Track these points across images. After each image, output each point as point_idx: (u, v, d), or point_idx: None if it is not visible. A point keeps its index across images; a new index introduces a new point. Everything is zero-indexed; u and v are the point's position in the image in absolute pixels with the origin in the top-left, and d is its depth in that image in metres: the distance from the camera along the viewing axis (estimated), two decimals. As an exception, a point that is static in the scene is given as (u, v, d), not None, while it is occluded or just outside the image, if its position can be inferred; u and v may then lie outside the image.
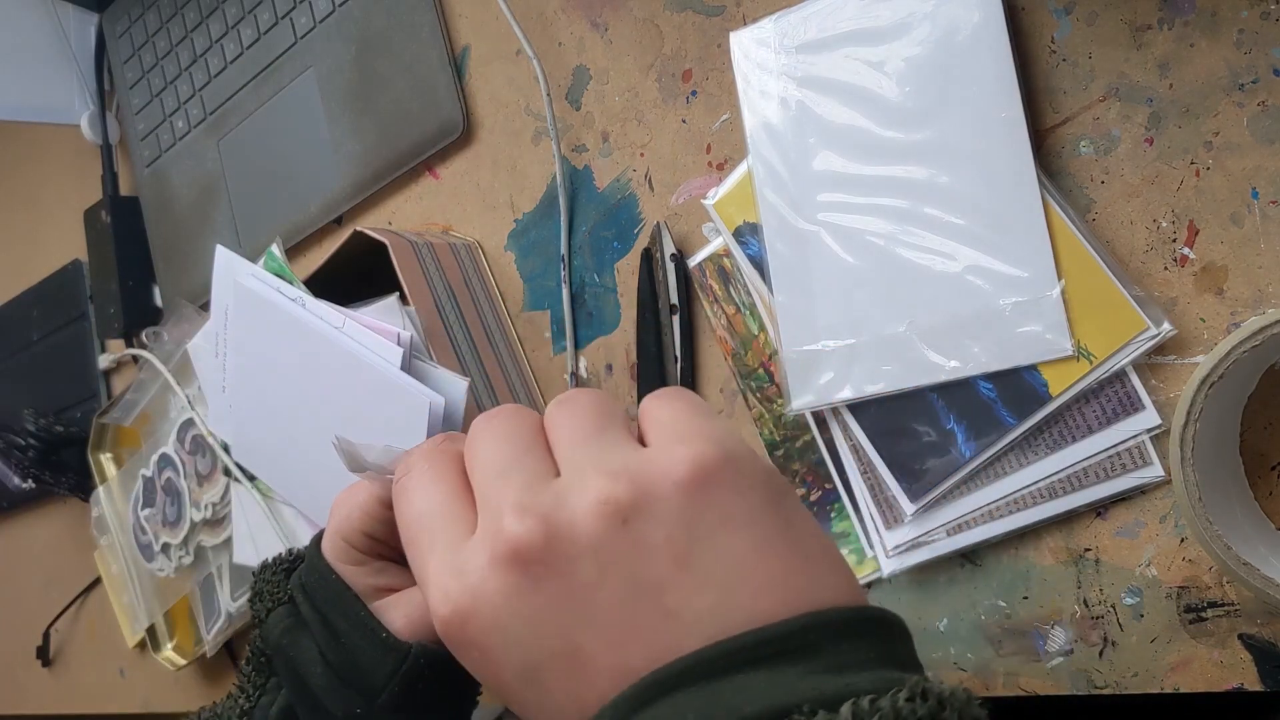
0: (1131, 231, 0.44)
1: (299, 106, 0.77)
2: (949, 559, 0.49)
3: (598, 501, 0.26)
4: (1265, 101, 0.41)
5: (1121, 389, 0.44)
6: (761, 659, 0.24)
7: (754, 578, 0.25)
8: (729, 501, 0.26)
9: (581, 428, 0.29)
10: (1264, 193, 0.41)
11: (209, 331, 0.68)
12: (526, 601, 0.26)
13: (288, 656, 0.39)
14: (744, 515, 0.26)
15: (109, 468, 0.89)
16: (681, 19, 0.58)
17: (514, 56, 0.65)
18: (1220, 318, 0.42)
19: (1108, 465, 0.44)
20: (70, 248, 0.99)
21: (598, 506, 0.26)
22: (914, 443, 0.48)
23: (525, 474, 0.28)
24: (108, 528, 0.87)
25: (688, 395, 0.30)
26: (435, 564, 0.28)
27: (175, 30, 0.86)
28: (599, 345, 0.62)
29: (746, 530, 0.26)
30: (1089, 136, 0.45)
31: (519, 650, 0.26)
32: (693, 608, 0.25)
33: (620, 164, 0.61)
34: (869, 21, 0.49)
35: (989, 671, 0.48)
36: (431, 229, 0.70)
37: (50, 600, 1.01)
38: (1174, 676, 0.44)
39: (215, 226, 0.83)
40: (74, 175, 1.00)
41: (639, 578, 0.25)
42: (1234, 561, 0.39)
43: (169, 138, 0.87)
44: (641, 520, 0.26)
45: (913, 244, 0.48)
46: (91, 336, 0.96)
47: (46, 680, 1.04)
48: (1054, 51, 0.46)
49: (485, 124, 0.67)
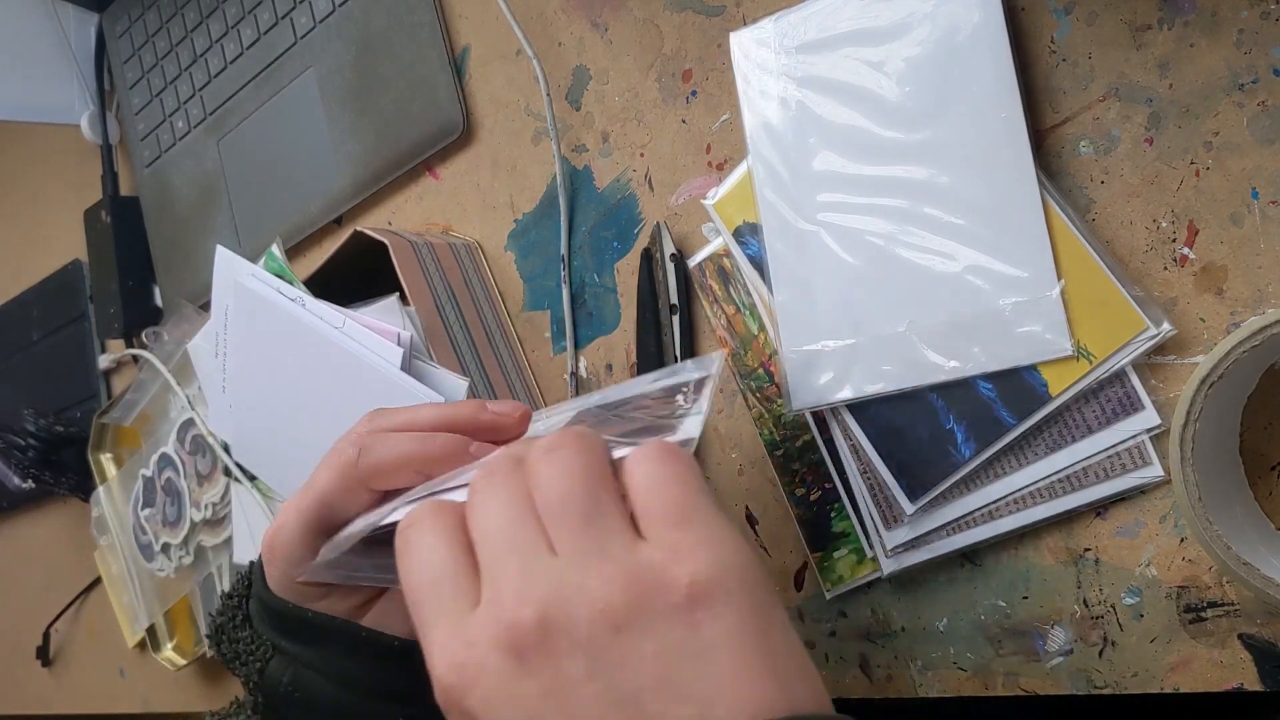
0: (1131, 231, 0.44)
1: (299, 106, 0.77)
2: (949, 559, 0.49)
3: (595, 610, 0.27)
4: (1265, 101, 0.41)
5: (1121, 389, 0.44)
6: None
7: (732, 696, 0.27)
8: (718, 625, 0.28)
9: (577, 507, 0.30)
10: (1264, 193, 0.41)
11: (209, 331, 0.68)
12: (519, 686, 0.27)
13: (303, 702, 0.39)
14: (730, 638, 0.28)
15: (109, 468, 0.89)
16: (681, 19, 0.58)
17: (514, 56, 0.65)
18: (1220, 318, 0.42)
19: (1108, 465, 0.44)
20: (70, 248, 0.99)
21: (595, 614, 0.27)
22: (914, 443, 0.48)
23: (524, 551, 0.29)
24: (108, 528, 0.87)
25: (678, 463, 0.31)
26: (444, 630, 0.29)
27: (175, 30, 0.86)
28: (599, 345, 0.62)
29: (730, 653, 0.27)
30: (1089, 136, 0.45)
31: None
32: (670, 717, 0.26)
33: (620, 164, 0.61)
34: (869, 21, 0.49)
35: (989, 671, 0.48)
36: (431, 229, 0.70)
37: (50, 600, 1.01)
38: (1174, 676, 0.44)
39: (215, 226, 0.83)
40: (74, 175, 1.00)
41: (624, 684, 0.27)
42: (1234, 561, 0.39)
43: (169, 138, 0.87)
44: (634, 632, 0.27)
45: (913, 244, 0.48)
46: (91, 336, 0.97)
47: (46, 680, 1.04)
48: (1054, 51, 0.46)
49: (485, 124, 0.67)
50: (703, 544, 0.29)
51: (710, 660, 0.27)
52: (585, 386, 0.62)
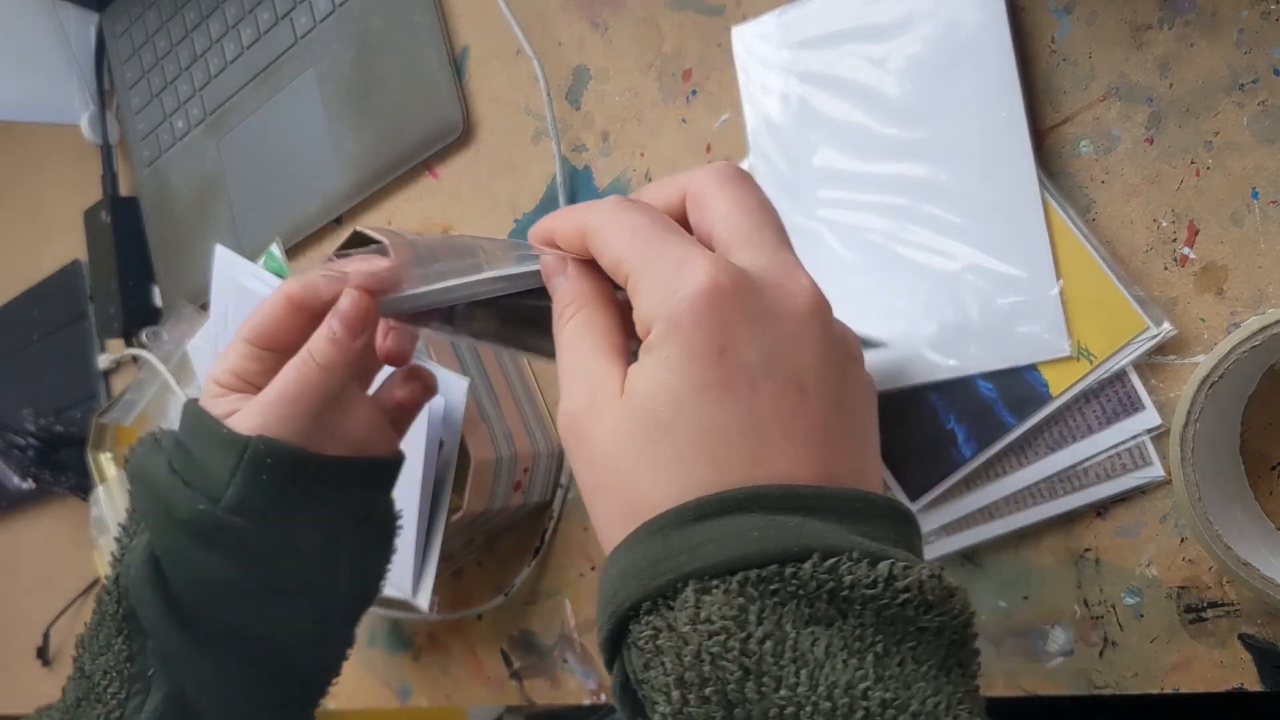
0: (1131, 231, 0.44)
1: (299, 106, 0.77)
2: (949, 559, 0.49)
3: (812, 292, 0.30)
4: (1265, 101, 0.41)
5: (1121, 389, 0.44)
6: (823, 510, 0.28)
7: (839, 450, 0.29)
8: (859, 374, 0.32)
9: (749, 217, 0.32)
10: (1264, 193, 0.41)
11: (209, 331, 0.68)
12: (752, 306, 0.29)
13: (143, 478, 0.39)
14: (866, 399, 0.32)
15: (109, 468, 0.89)
16: (681, 19, 0.58)
17: (514, 56, 0.65)
18: (1220, 318, 0.42)
19: (1108, 465, 0.44)
20: (70, 248, 0.99)
21: (811, 298, 0.30)
22: (914, 442, 0.48)
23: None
24: (107, 527, 0.87)
25: (751, 183, 0.33)
26: (698, 258, 0.30)
27: (175, 30, 0.86)
28: (599, 345, 0.62)
29: (861, 412, 0.31)
30: (1089, 136, 0.45)
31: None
32: (823, 431, 0.29)
33: (620, 164, 0.61)
34: (871, 18, 0.49)
35: (989, 671, 0.48)
36: (431, 229, 0.70)
37: (50, 600, 1.01)
38: (1174, 676, 0.44)
39: (215, 226, 0.83)
40: (74, 175, 1.00)
41: (792, 377, 0.29)
42: (1234, 561, 0.39)
43: (169, 138, 0.87)
44: (820, 329, 0.30)
45: (912, 242, 0.48)
46: (91, 336, 0.96)
47: (46, 680, 1.04)
48: (1054, 51, 0.46)
49: (485, 124, 0.67)
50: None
51: (850, 402, 0.31)
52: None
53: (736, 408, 0.28)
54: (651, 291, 0.29)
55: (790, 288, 0.30)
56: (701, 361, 0.28)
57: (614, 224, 0.31)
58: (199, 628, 0.39)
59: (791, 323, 0.29)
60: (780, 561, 0.26)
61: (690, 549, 0.27)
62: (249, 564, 0.38)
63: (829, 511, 0.28)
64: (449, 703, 0.70)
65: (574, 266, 0.33)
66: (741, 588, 0.26)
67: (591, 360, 0.31)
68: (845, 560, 0.26)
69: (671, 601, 0.27)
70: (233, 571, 0.38)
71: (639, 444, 0.29)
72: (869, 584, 0.26)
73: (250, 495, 0.37)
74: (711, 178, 0.32)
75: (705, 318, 0.28)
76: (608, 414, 0.30)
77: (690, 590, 0.26)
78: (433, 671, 0.70)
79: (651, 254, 0.30)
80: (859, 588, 0.26)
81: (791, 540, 0.26)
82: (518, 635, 0.65)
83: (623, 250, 0.31)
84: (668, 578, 0.27)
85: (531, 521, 0.64)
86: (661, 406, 0.29)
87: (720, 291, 0.29)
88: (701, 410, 0.28)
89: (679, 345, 0.28)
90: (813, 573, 0.26)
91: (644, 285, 0.30)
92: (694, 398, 0.28)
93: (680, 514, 0.28)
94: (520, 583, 0.64)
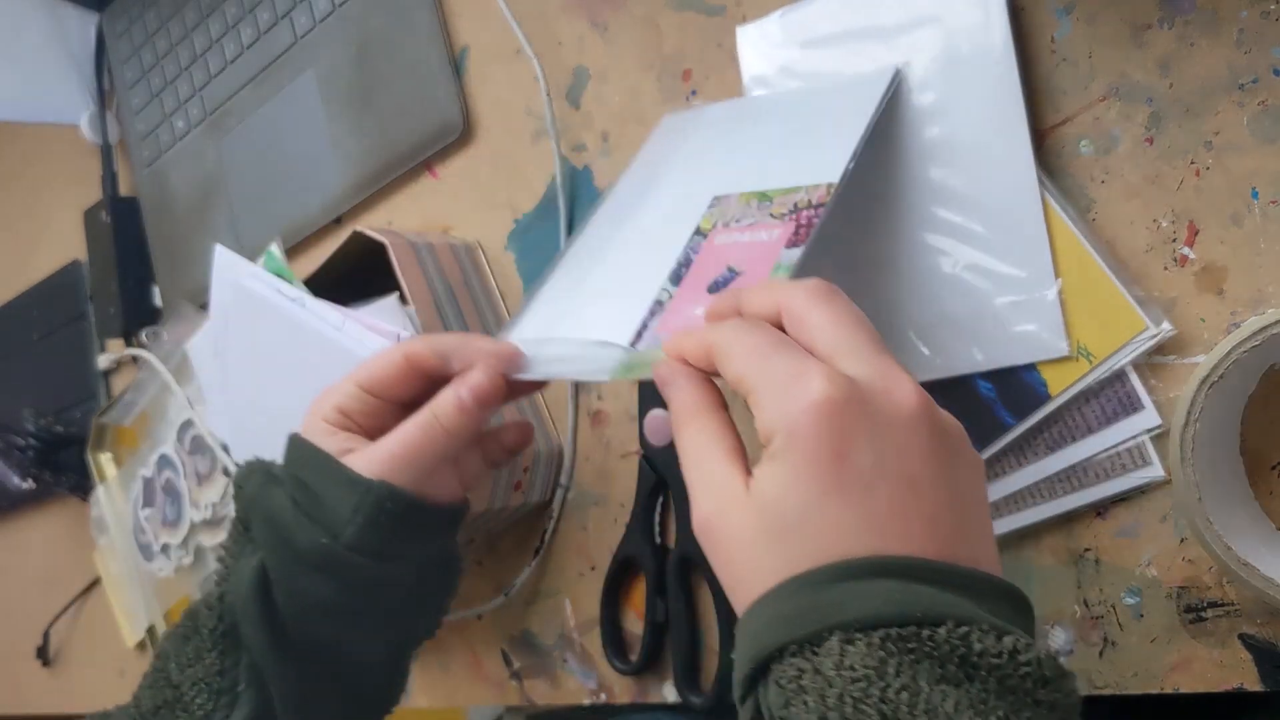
0: (1131, 231, 0.44)
1: (299, 106, 0.77)
2: (949, 559, 0.49)
3: (915, 394, 0.33)
4: (1265, 101, 0.41)
5: (1121, 389, 0.44)
6: (953, 585, 0.30)
7: (956, 536, 0.31)
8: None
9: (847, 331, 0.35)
10: (1264, 193, 0.41)
11: (209, 331, 0.68)
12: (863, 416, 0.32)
13: (261, 509, 0.42)
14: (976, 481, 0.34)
15: (109, 468, 0.89)
16: (681, 19, 0.58)
17: (514, 56, 0.65)
18: (1220, 318, 0.42)
19: (1107, 465, 0.44)
20: (70, 248, 0.99)
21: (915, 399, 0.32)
22: (914, 443, 0.48)
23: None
24: (107, 528, 0.87)
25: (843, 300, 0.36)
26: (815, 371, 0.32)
27: (175, 30, 0.86)
28: (599, 345, 0.62)
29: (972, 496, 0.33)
30: (1089, 136, 0.45)
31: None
32: (938, 523, 0.31)
33: (620, 164, 0.61)
34: (873, 19, 0.49)
35: (989, 671, 0.48)
36: (431, 229, 0.70)
37: (50, 600, 1.01)
38: (1174, 676, 0.44)
39: (215, 226, 0.83)
40: (74, 175, 1.00)
41: (904, 477, 0.32)
42: (1234, 561, 0.39)
43: (169, 138, 0.87)
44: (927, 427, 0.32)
45: (912, 241, 0.48)
46: (91, 336, 0.96)
47: (46, 680, 1.04)
48: (1054, 51, 0.46)
49: (485, 124, 0.67)
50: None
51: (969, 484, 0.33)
52: (585, 386, 0.62)
53: (857, 509, 0.31)
54: (772, 404, 0.33)
55: (896, 393, 0.33)
56: (821, 468, 0.31)
57: (736, 344, 0.35)
58: (293, 644, 0.42)
59: (900, 425, 0.32)
60: (918, 624, 0.29)
61: (836, 604, 0.30)
62: (353, 592, 0.42)
63: (958, 587, 0.30)
64: (449, 703, 0.70)
65: (687, 377, 0.37)
66: (883, 643, 0.29)
67: (713, 465, 0.34)
68: (976, 630, 0.29)
69: (817, 648, 0.29)
70: (337, 597, 0.42)
71: (769, 542, 0.32)
72: (995, 654, 0.29)
73: (367, 534, 0.41)
74: (805, 296, 0.35)
75: (822, 428, 0.31)
76: (736, 514, 0.33)
77: (835, 640, 0.29)
78: (433, 671, 0.70)
79: (770, 370, 0.33)
80: (986, 656, 0.29)
81: (928, 606, 0.29)
82: (518, 635, 0.65)
83: (744, 368, 0.34)
84: (814, 626, 0.30)
85: (531, 521, 0.64)
86: (787, 510, 0.32)
87: (833, 403, 0.32)
88: (825, 512, 0.31)
89: (799, 454, 0.32)
90: (946, 637, 0.29)
91: (765, 399, 0.33)
92: (817, 502, 0.31)
93: (827, 572, 0.31)
94: (520, 583, 0.64)
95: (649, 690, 0.59)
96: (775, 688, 0.30)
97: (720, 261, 0.44)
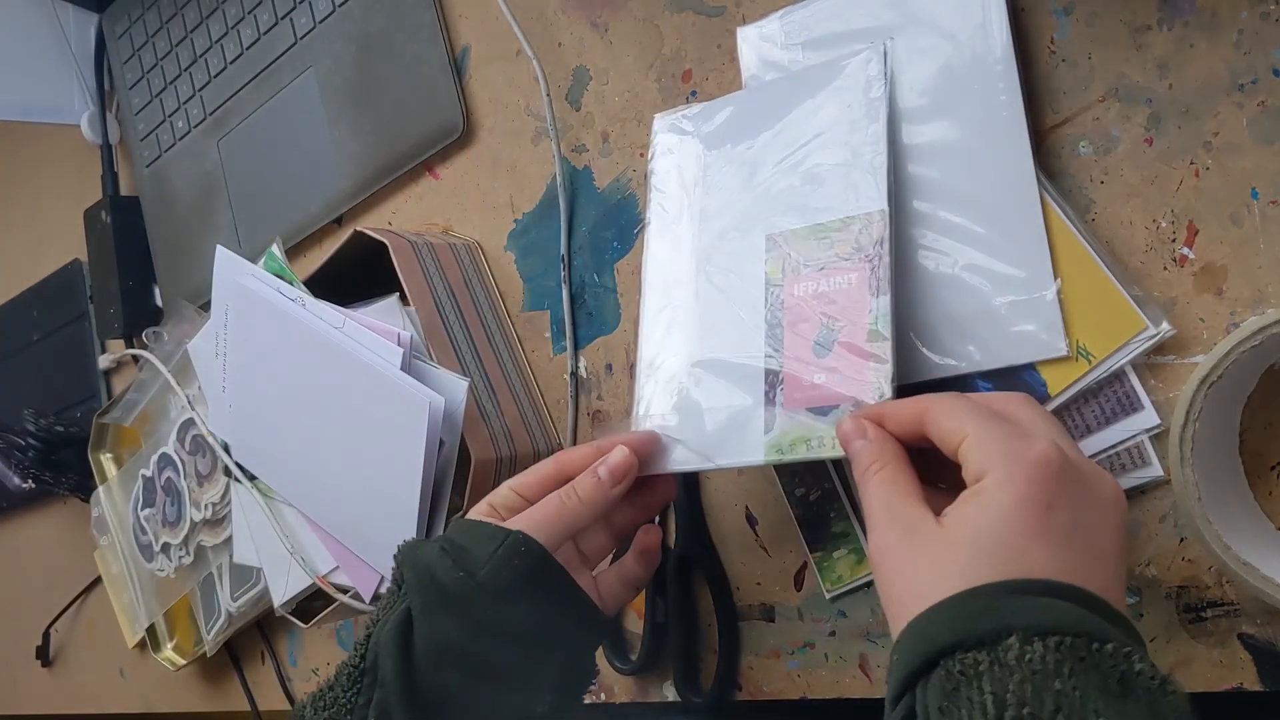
0: (1131, 231, 0.44)
1: (299, 106, 0.77)
2: (949, 559, 0.49)
3: (1117, 487, 0.37)
4: (1265, 101, 0.41)
5: (1120, 389, 0.44)
6: (1112, 620, 0.34)
7: (1114, 595, 0.35)
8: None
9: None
10: (1264, 193, 0.41)
11: (209, 331, 0.68)
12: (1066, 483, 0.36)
13: (413, 559, 0.46)
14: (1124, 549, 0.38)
15: (109, 468, 0.89)
16: (681, 19, 0.58)
17: (514, 56, 0.65)
18: (1220, 318, 0.42)
19: (1107, 465, 0.44)
20: (70, 248, 0.99)
21: (1116, 491, 0.37)
22: (914, 443, 0.48)
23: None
24: (108, 528, 0.87)
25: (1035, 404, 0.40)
26: (1033, 430, 0.37)
27: (175, 30, 0.86)
28: (599, 345, 0.62)
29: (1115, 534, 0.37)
30: (1089, 137, 0.45)
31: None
32: (1109, 592, 0.35)
33: (620, 164, 0.61)
34: (872, 21, 0.49)
35: (989, 671, 0.48)
36: (431, 229, 0.70)
37: (50, 600, 1.01)
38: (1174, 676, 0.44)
39: (215, 226, 0.83)
40: (74, 175, 1.00)
41: (1093, 545, 0.36)
42: (1234, 561, 0.39)
43: (169, 138, 0.87)
44: (1120, 515, 0.37)
45: (911, 241, 0.48)
46: (91, 336, 0.97)
47: (46, 680, 1.04)
48: (1054, 52, 0.46)
49: (485, 124, 0.67)
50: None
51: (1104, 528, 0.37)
52: (585, 387, 0.62)
53: (1050, 553, 0.34)
54: (992, 450, 0.36)
55: (1102, 479, 0.37)
56: (1028, 510, 0.35)
57: (956, 405, 0.39)
58: (420, 692, 0.45)
59: (1102, 506, 0.36)
60: (1090, 638, 0.32)
61: (1016, 611, 0.33)
62: (477, 632, 0.45)
63: (1115, 623, 0.34)
64: (449, 703, 0.70)
65: (875, 431, 0.41)
66: (1058, 646, 0.32)
67: (902, 505, 0.38)
68: (1136, 653, 0.32)
69: (996, 645, 0.32)
70: (464, 637, 0.44)
71: (961, 566, 0.35)
72: (1150, 677, 0.32)
73: (501, 574, 0.44)
74: (1014, 401, 0.39)
75: (1038, 479, 0.35)
76: (929, 544, 0.36)
77: (1015, 638, 0.32)
78: (433, 671, 0.70)
79: (994, 427, 0.37)
80: (1143, 678, 0.32)
81: (1098, 626, 0.33)
82: (518, 635, 0.65)
83: (966, 422, 0.38)
84: (994, 625, 0.32)
85: (531, 521, 0.64)
86: (986, 539, 0.35)
87: (1052, 463, 0.35)
88: (1023, 550, 0.34)
89: (1013, 494, 0.35)
90: (1112, 654, 0.32)
91: (984, 445, 0.37)
92: (1017, 540, 0.35)
93: (1009, 586, 0.34)
94: (520, 583, 0.63)
95: (649, 690, 0.60)
96: (940, 680, 0.33)
97: (810, 315, 0.46)
